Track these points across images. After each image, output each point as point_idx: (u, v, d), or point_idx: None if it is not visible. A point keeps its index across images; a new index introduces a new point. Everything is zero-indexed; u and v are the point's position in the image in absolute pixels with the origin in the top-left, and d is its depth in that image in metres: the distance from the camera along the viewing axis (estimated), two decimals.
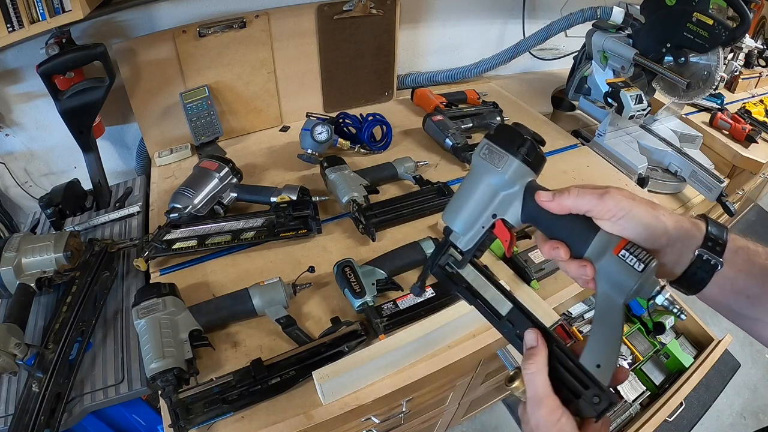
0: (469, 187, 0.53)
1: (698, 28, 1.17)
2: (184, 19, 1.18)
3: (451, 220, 0.54)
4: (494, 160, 0.51)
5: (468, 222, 0.52)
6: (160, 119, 1.24)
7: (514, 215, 0.52)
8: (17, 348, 0.72)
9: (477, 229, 0.52)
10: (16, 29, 0.86)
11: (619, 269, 0.45)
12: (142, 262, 0.92)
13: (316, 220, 1.02)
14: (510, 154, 0.50)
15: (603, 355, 0.45)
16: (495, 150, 0.51)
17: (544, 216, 0.49)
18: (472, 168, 0.54)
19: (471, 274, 0.55)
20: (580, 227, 0.48)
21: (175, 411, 0.66)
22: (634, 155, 1.33)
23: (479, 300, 0.54)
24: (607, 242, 0.46)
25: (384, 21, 1.38)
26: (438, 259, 0.55)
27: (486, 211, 0.52)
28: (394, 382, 0.77)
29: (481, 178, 0.52)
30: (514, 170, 0.50)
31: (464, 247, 0.53)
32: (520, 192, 0.51)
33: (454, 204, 0.54)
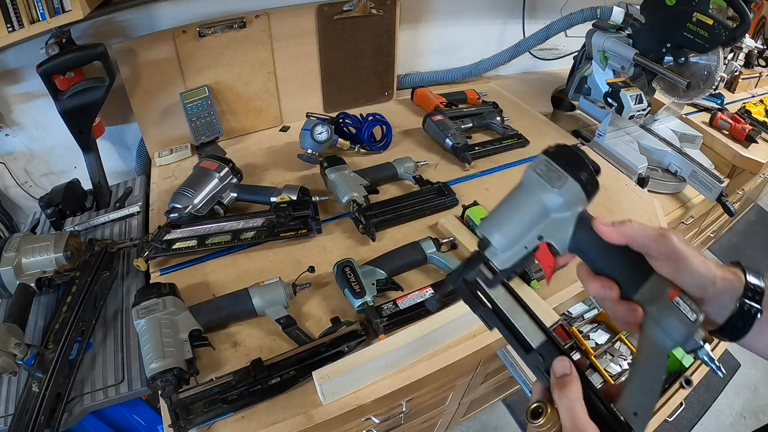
0: (517, 201, 0.49)
1: (698, 28, 1.17)
2: (184, 19, 1.18)
3: (491, 233, 0.49)
4: (551, 179, 0.47)
5: (510, 239, 0.48)
6: (160, 119, 1.24)
7: (562, 241, 0.48)
8: (17, 348, 0.72)
9: (518, 248, 0.48)
10: (16, 29, 0.86)
11: (671, 316, 0.43)
12: (142, 262, 0.92)
13: (316, 220, 1.02)
14: (570, 176, 0.47)
15: (642, 404, 0.42)
16: (554, 168, 0.48)
17: (595, 248, 0.47)
18: (524, 182, 0.50)
19: (501, 297, 0.50)
20: (633, 265, 0.46)
21: (175, 411, 0.66)
22: (634, 155, 1.33)
23: (506, 326, 0.49)
24: (662, 286, 0.44)
25: (384, 21, 1.38)
26: (465, 273, 0.50)
27: (532, 231, 0.48)
28: (394, 382, 0.77)
29: (532, 195, 0.48)
30: (572, 194, 0.47)
31: (500, 265, 0.49)
32: (572, 218, 0.48)
33: (497, 216, 0.50)
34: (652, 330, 0.44)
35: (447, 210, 1.11)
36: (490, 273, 0.50)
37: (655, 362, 0.44)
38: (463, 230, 1.02)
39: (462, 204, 1.08)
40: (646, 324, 0.44)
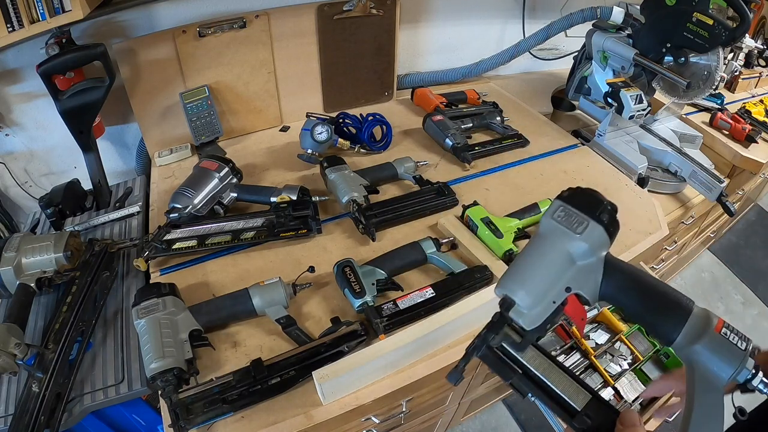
0: (539, 253, 0.46)
1: (698, 28, 1.17)
2: (184, 19, 1.18)
3: (513, 291, 0.45)
4: (572, 225, 0.44)
5: (536, 294, 0.44)
6: (160, 119, 1.23)
7: (592, 290, 0.45)
8: (17, 348, 0.72)
9: (547, 303, 0.44)
10: (16, 29, 0.85)
11: (721, 349, 0.41)
12: (142, 262, 0.92)
13: (316, 220, 1.02)
14: (592, 219, 0.44)
15: None
16: (573, 213, 0.45)
17: (627, 292, 0.45)
18: (542, 232, 0.47)
19: (534, 359, 0.47)
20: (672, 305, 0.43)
21: (175, 411, 0.66)
22: (634, 155, 1.33)
23: (544, 391, 0.45)
24: (706, 320, 0.42)
25: (384, 21, 1.38)
26: (489, 339, 0.46)
27: (559, 283, 0.44)
28: (394, 382, 0.77)
29: (554, 244, 0.45)
30: (596, 237, 0.44)
31: (528, 325, 0.45)
32: (599, 264, 0.45)
33: (517, 272, 0.46)
34: (704, 369, 0.42)
35: (447, 210, 1.11)
36: (517, 335, 0.46)
37: (712, 402, 0.41)
38: (463, 230, 1.02)
39: (462, 204, 1.08)
40: (695, 363, 0.42)
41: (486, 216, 1.01)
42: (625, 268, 0.46)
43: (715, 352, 0.41)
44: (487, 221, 1.00)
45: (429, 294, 0.87)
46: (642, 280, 0.46)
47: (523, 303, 0.44)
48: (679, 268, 2.29)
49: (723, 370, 0.41)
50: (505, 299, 0.46)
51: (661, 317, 0.44)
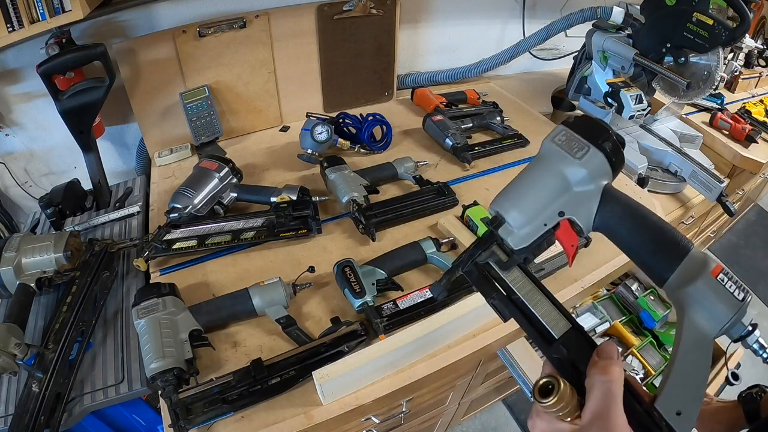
0: (535, 174, 0.45)
1: (698, 28, 1.17)
2: (184, 19, 1.18)
3: (505, 209, 0.44)
4: (572, 149, 0.43)
5: (528, 214, 0.43)
6: (160, 119, 1.24)
7: (586, 218, 0.44)
8: (17, 348, 0.72)
9: (537, 225, 0.44)
10: (16, 29, 0.85)
11: (715, 296, 0.39)
12: (142, 262, 0.92)
13: (316, 220, 1.02)
14: (594, 146, 0.43)
15: (686, 401, 0.37)
16: (575, 138, 0.44)
17: (624, 224, 0.43)
18: (542, 154, 0.46)
19: (518, 281, 0.45)
20: (670, 241, 0.41)
21: (175, 411, 0.66)
22: (634, 155, 1.33)
23: (524, 315, 0.44)
24: (703, 262, 0.40)
25: (384, 21, 1.38)
26: (476, 255, 0.45)
27: (552, 206, 0.43)
28: (394, 382, 0.77)
29: (552, 166, 0.44)
30: (596, 164, 0.43)
31: (516, 245, 0.44)
32: (597, 193, 0.44)
33: (512, 190, 0.45)
34: (694, 314, 0.39)
35: (447, 210, 1.11)
36: (504, 255, 0.45)
37: (698, 352, 0.39)
38: (463, 230, 1.02)
39: (462, 204, 1.08)
40: (687, 307, 0.40)
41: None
42: (624, 200, 0.45)
43: (708, 297, 0.39)
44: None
45: (429, 294, 0.87)
46: (641, 213, 0.44)
47: (513, 222, 0.44)
48: None
49: (715, 318, 0.39)
50: (496, 217, 0.45)
51: (656, 254, 0.42)
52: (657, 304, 1.32)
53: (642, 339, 1.27)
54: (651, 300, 1.32)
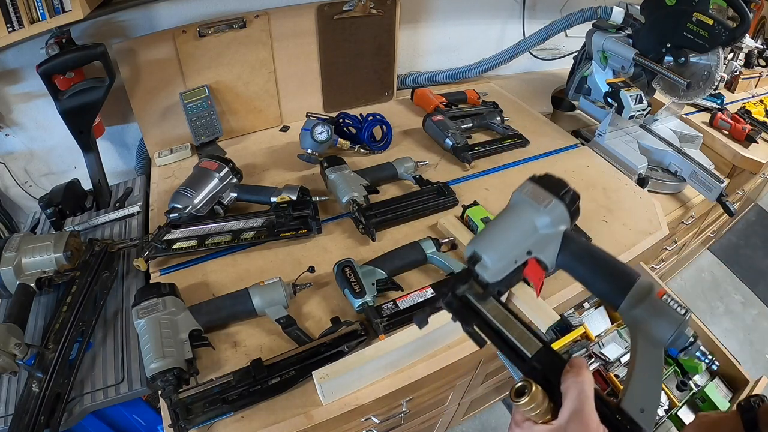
0: (507, 219, 0.53)
1: (698, 28, 1.17)
2: (184, 19, 1.18)
3: (482, 249, 0.51)
4: (538, 199, 0.52)
5: (501, 254, 0.51)
6: (160, 119, 1.23)
7: (550, 256, 0.52)
8: (17, 348, 0.72)
9: (509, 262, 0.51)
10: (16, 29, 0.85)
11: (662, 312, 0.46)
12: (142, 262, 0.92)
13: (316, 220, 1.02)
14: (556, 197, 0.52)
15: (647, 399, 0.44)
16: (540, 191, 0.53)
17: (580, 262, 0.51)
18: (512, 204, 0.55)
19: (493, 309, 0.51)
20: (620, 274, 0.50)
21: (175, 411, 0.66)
22: (634, 155, 1.33)
23: (500, 338, 0.50)
24: (649, 288, 0.48)
25: (384, 21, 1.38)
26: (456, 288, 0.51)
27: (522, 245, 0.51)
28: (394, 382, 0.77)
29: (521, 213, 0.53)
30: (558, 213, 0.52)
31: (491, 279, 0.51)
32: (558, 236, 0.52)
33: (488, 234, 0.53)
34: (646, 329, 0.47)
35: (447, 210, 1.11)
36: (480, 288, 0.52)
37: (653, 358, 0.46)
38: (463, 230, 1.02)
39: (462, 204, 1.08)
40: (639, 325, 0.47)
41: (486, 216, 1.01)
42: (580, 242, 0.53)
43: (656, 314, 0.47)
44: (487, 221, 1.00)
45: (429, 294, 0.87)
46: (594, 252, 0.53)
47: (489, 261, 0.51)
48: (679, 268, 2.29)
49: (663, 330, 0.46)
50: (473, 255, 0.52)
51: (609, 284, 0.50)
52: None
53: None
54: None
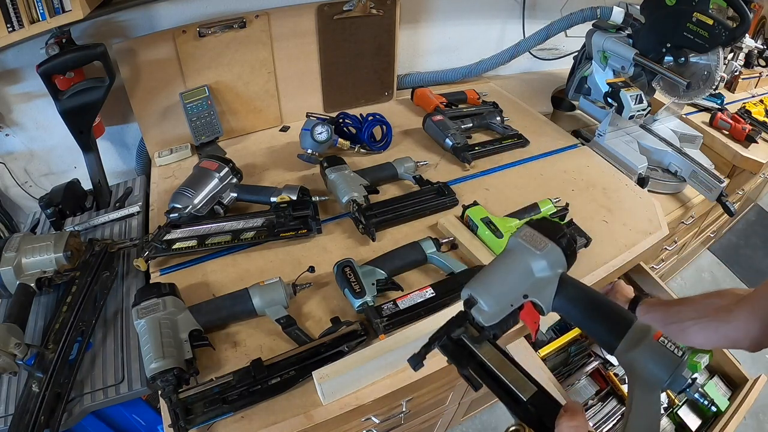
0: (504, 263, 0.53)
1: (698, 28, 1.17)
2: (184, 19, 1.18)
3: (478, 292, 0.51)
4: (535, 244, 0.52)
5: (498, 297, 0.51)
6: (160, 119, 1.23)
7: (546, 300, 0.52)
8: (17, 348, 0.72)
9: (505, 305, 0.51)
10: (16, 29, 0.85)
11: (659, 355, 0.46)
12: (142, 262, 0.92)
13: (316, 220, 1.02)
14: (552, 242, 0.52)
15: None
16: (537, 236, 0.53)
17: (576, 306, 0.51)
18: (509, 248, 0.55)
19: (488, 353, 0.52)
20: (616, 317, 0.50)
21: (175, 411, 0.66)
22: (634, 155, 1.33)
23: (495, 381, 0.50)
24: (645, 330, 0.48)
25: (384, 21, 1.38)
26: (451, 331, 0.52)
27: (518, 289, 0.51)
28: (394, 382, 0.77)
29: (518, 258, 0.53)
30: (554, 256, 0.52)
31: (487, 322, 0.51)
32: (555, 279, 0.52)
33: (484, 277, 0.53)
34: (642, 370, 0.47)
35: (447, 210, 1.11)
36: (476, 331, 0.52)
37: (650, 400, 0.46)
38: (463, 230, 1.02)
39: (462, 204, 1.08)
40: (636, 368, 0.47)
41: (486, 216, 1.01)
42: (576, 285, 0.53)
43: (652, 356, 0.47)
44: (487, 221, 1.00)
45: (429, 294, 0.87)
46: (591, 295, 0.53)
47: (485, 303, 0.50)
48: (679, 268, 2.29)
49: (660, 372, 0.46)
50: (470, 298, 0.52)
51: (605, 327, 0.50)
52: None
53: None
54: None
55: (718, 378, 1.26)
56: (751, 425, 1.86)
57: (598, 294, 0.54)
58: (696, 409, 1.21)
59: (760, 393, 1.16)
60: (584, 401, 1.04)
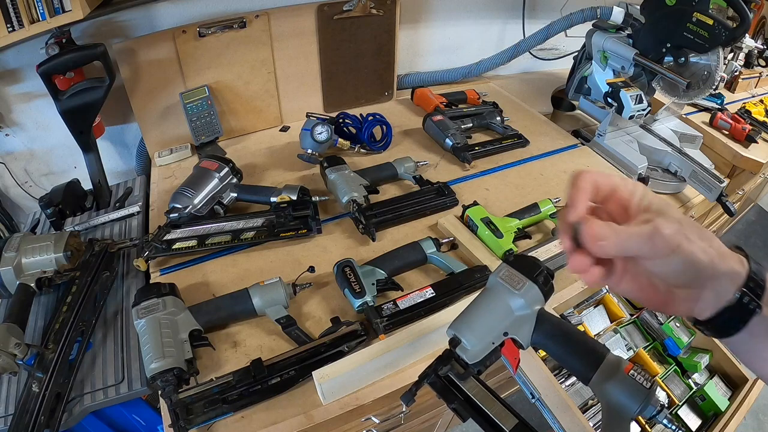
0: (484, 303, 0.56)
1: (698, 28, 1.16)
2: (184, 19, 1.18)
3: (462, 332, 0.54)
4: (513, 283, 0.54)
5: (480, 336, 0.53)
6: (160, 119, 1.23)
7: (525, 336, 0.55)
8: (17, 348, 0.72)
9: (487, 344, 0.53)
10: (16, 29, 0.86)
11: (629, 387, 0.51)
12: (142, 262, 0.92)
13: (316, 220, 1.02)
14: (529, 280, 0.54)
15: None
16: (514, 274, 0.55)
17: (553, 341, 0.55)
18: (489, 287, 0.57)
19: (474, 388, 0.56)
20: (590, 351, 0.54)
21: (175, 411, 0.66)
22: (634, 155, 1.33)
23: (480, 414, 0.55)
24: (617, 364, 0.52)
25: (384, 21, 1.38)
26: (439, 369, 0.55)
27: (498, 327, 0.54)
28: (394, 382, 0.77)
29: (497, 297, 0.55)
30: (532, 294, 0.54)
31: (470, 360, 0.54)
32: (533, 316, 0.54)
33: (466, 317, 0.55)
34: (614, 402, 0.52)
35: (447, 210, 1.11)
36: (461, 368, 0.55)
37: (623, 427, 0.51)
38: (463, 230, 1.02)
39: (462, 204, 1.08)
40: (608, 398, 0.52)
41: (486, 216, 1.01)
42: (553, 321, 0.56)
43: (623, 388, 0.51)
44: (487, 221, 1.00)
45: (429, 294, 0.87)
46: (567, 330, 0.56)
47: (468, 342, 0.53)
48: None
49: (630, 402, 0.51)
50: (454, 338, 0.55)
51: (580, 361, 0.55)
52: (682, 330, 1.30)
53: (666, 367, 1.25)
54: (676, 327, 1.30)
55: (718, 378, 1.26)
56: (751, 425, 1.86)
57: (573, 329, 0.58)
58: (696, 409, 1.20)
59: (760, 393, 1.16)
60: (584, 402, 1.04)
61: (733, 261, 0.38)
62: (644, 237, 0.37)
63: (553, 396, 0.74)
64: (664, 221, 0.37)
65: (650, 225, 0.37)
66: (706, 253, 0.37)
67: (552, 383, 0.93)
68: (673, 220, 0.38)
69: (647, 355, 1.26)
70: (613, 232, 0.38)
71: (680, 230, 0.37)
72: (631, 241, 0.38)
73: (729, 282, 0.38)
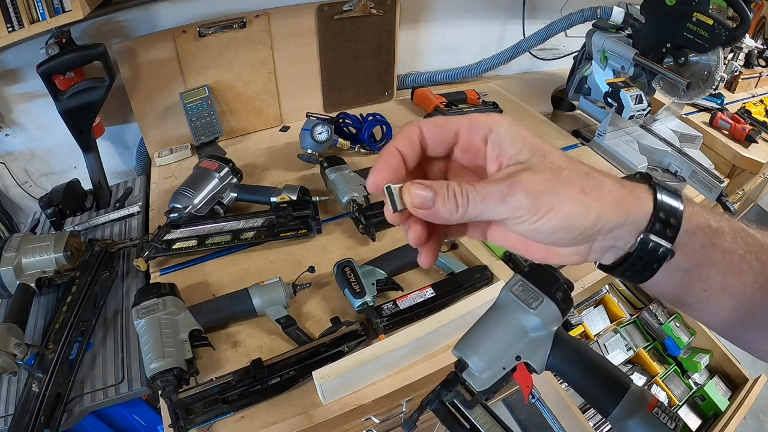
0: (494, 323, 0.49)
1: (698, 28, 1.16)
2: (184, 19, 1.18)
3: (467, 355, 0.48)
4: (528, 300, 0.48)
5: (488, 360, 0.48)
6: (160, 119, 1.23)
7: (540, 361, 0.48)
8: (17, 348, 0.72)
9: (497, 369, 0.48)
10: (16, 29, 0.86)
11: (652, 427, 0.46)
12: (142, 262, 0.92)
13: (316, 220, 1.02)
14: (547, 296, 0.48)
15: None
16: (530, 289, 0.48)
17: (573, 366, 0.48)
18: (500, 303, 0.50)
19: (480, 417, 0.50)
20: (612, 381, 0.48)
21: (175, 411, 0.66)
22: (634, 155, 1.33)
23: None
24: (641, 398, 0.47)
25: (384, 21, 1.38)
26: (443, 395, 0.50)
27: (510, 351, 0.48)
28: (394, 382, 0.77)
29: (509, 316, 0.48)
30: (549, 313, 0.47)
31: (479, 387, 0.48)
32: (550, 337, 0.48)
33: (473, 338, 0.49)
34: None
35: None
36: (468, 394, 0.49)
37: None
38: None
39: None
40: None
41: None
42: (572, 343, 0.50)
43: (645, 429, 0.46)
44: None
45: (429, 294, 0.87)
46: (587, 355, 0.50)
47: (475, 367, 0.48)
48: None
49: None
50: (460, 361, 0.49)
51: (600, 391, 0.49)
52: (682, 330, 1.31)
53: (666, 367, 1.24)
54: (676, 326, 1.30)
55: (718, 378, 1.26)
56: (751, 425, 1.86)
57: (593, 353, 0.51)
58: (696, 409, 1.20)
59: (760, 393, 1.16)
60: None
61: (632, 202, 0.31)
62: (494, 199, 0.28)
63: (553, 396, 0.74)
64: (529, 175, 0.28)
65: (504, 183, 0.28)
66: (590, 208, 0.29)
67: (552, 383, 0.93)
68: (543, 173, 0.29)
69: (647, 355, 1.26)
70: (442, 198, 0.29)
71: (550, 188, 0.28)
72: (476, 206, 0.29)
73: (626, 231, 0.31)
